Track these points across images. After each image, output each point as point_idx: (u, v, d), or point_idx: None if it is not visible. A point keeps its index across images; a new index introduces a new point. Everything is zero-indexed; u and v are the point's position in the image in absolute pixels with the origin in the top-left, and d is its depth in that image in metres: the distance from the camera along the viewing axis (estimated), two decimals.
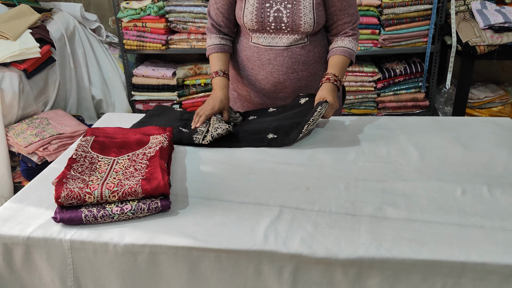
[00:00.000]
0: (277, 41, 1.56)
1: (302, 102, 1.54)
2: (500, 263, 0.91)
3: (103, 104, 3.09)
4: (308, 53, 1.59)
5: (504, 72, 3.00)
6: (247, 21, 1.54)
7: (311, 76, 1.63)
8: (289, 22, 1.52)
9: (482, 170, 1.24)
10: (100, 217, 1.04)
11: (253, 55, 1.60)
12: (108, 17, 3.28)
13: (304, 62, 1.59)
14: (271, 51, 1.57)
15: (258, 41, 1.58)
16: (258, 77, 1.62)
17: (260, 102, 1.69)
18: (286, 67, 1.58)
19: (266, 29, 1.55)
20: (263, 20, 1.53)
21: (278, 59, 1.57)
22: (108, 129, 1.39)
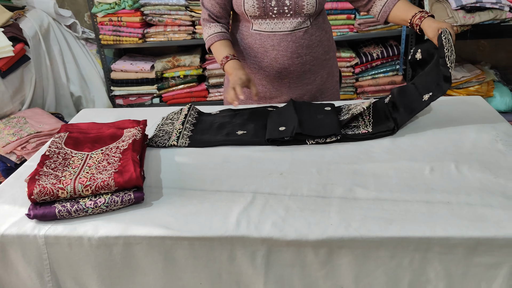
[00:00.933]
0: (280, 26, 1.54)
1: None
2: (464, 236, 0.93)
3: (83, 100, 3.07)
4: (311, 37, 1.58)
5: (479, 52, 3.04)
6: (249, 8, 1.51)
7: (314, 60, 1.63)
8: (291, 4, 1.50)
9: (451, 148, 1.26)
10: (74, 211, 1.04)
11: (255, 43, 1.58)
12: (84, 12, 3.25)
13: (308, 46, 1.59)
14: (274, 37, 1.55)
15: (260, 27, 1.55)
16: (262, 64, 1.60)
17: (263, 90, 1.67)
18: (291, 52, 1.57)
19: (269, 14, 1.52)
20: (265, 5, 1.50)
21: (282, 45, 1.56)
22: (82, 124, 1.39)
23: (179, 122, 1.47)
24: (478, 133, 1.33)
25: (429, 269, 0.97)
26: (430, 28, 1.38)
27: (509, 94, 2.76)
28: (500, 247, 0.93)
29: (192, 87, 3.00)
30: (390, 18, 1.57)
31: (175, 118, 1.51)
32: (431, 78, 1.36)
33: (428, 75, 1.38)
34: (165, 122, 1.50)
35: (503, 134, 1.32)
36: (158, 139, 1.39)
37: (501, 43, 3.00)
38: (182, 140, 1.37)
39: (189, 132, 1.42)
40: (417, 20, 1.44)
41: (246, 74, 1.47)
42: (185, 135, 1.40)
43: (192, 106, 1.57)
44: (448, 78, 1.30)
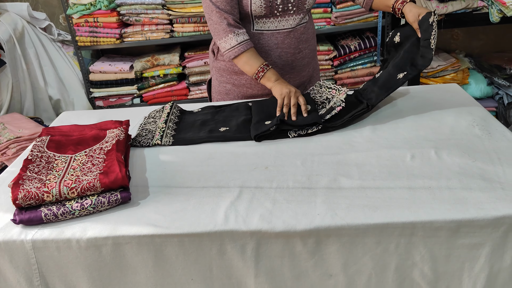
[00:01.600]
0: (284, 24, 1.55)
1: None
2: (446, 219, 0.97)
3: (62, 103, 3.03)
4: (308, 31, 1.63)
5: (454, 40, 3.10)
6: (256, 8, 1.50)
7: (311, 53, 1.68)
8: (295, 1, 1.52)
9: (430, 134, 1.30)
10: (61, 214, 1.04)
11: (258, 43, 1.57)
12: (58, 14, 3.20)
13: (306, 40, 1.63)
14: (278, 35, 1.57)
15: (263, 27, 1.55)
16: None
17: (262, 88, 1.65)
18: (293, 48, 1.60)
19: (274, 12, 1.52)
20: (271, 4, 1.50)
21: (285, 42, 1.58)
22: (64, 127, 1.38)
23: (161, 120, 1.47)
24: (456, 119, 1.37)
25: (414, 253, 1.00)
26: (411, 13, 1.42)
27: (483, 80, 2.83)
28: (481, 227, 0.97)
29: (173, 85, 2.99)
30: (374, 5, 1.61)
31: (157, 117, 1.51)
32: (406, 59, 1.40)
33: (403, 57, 1.42)
34: (148, 121, 1.50)
35: (480, 119, 1.35)
36: (142, 138, 1.39)
37: (474, 31, 3.07)
38: (165, 139, 1.37)
39: (173, 131, 1.42)
40: (399, 4, 1.48)
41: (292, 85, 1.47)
42: (169, 134, 1.40)
43: (174, 104, 1.57)
44: (429, 59, 1.33)
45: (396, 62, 1.43)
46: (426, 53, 1.35)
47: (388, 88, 1.40)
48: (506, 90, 2.80)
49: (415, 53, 1.38)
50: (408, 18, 1.44)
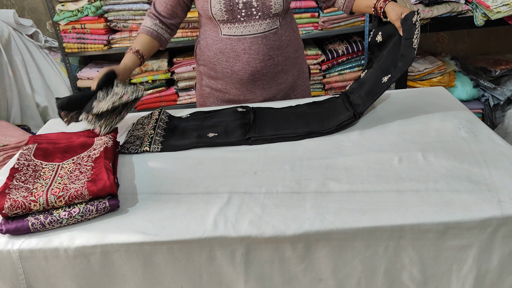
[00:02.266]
0: (250, 29, 1.54)
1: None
2: (434, 221, 0.97)
3: (49, 110, 3.00)
4: (281, 38, 1.60)
5: (440, 43, 3.14)
6: (216, 11, 1.50)
7: (286, 60, 1.65)
8: (259, 5, 1.51)
9: (417, 137, 1.31)
10: (48, 223, 1.03)
11: (226, 47, 1.58)
12: (45, 21, 3.18)
13: (279, 47, 1.60)
14: (245, 41, 1.55)
15: (229, 32, 1.55)
16: (235, 68, 1.60)
17: (237, 93, 1.67)
18: (263, 54, 1.58)
19: (237, 17, 1.52)
20: (232, 8, 1.50)
21: (253, 48, 1.56)
22: (51, 135, 1.37)
23: (150, 127, 1.47)
24: (442, 122, 1.38)
25: (403, 255, 1.00)
26: (394, 11, 1.43)
27: (469, 83, 2.87)
28: (468, 229, 0.97)
29: (161, 91, 2.98)
30: (355, 8, 1.62)
31: (146, 123, 1.51)
32: (389, 61, 1.41)
33: (387, 58, 1.43)
34: (136, 127, 1.50)
35: (465, 122, 1.37)
36: (130, 145, 1.38)
37: (459, 34, 3.11)
38: (154, 145, 1.37)
39: (161, 138, 1.41)
40: (381, 3, 1.49)
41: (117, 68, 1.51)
42: (157, 140, 1.39)
43: (162, 111, 1.57)
44: (411, 59, 1.33)
45: (380, 64, 1.44)
46: (407, 52, 1.34)
47: (375, 94, 1.41)
48: (491, 92, 2.84)
49: (397, 53, 1.39)
50: (391, 17, 1.44)
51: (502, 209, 0.98)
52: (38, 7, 3.12)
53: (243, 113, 1.51)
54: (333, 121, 1.39)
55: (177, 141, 1.39)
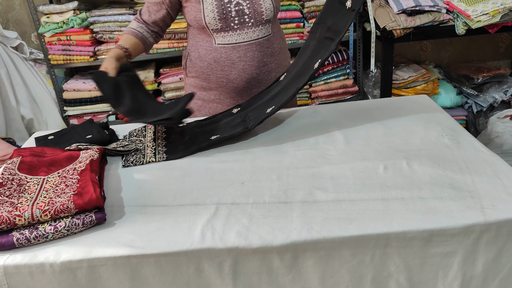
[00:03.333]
0: (244, 37, 1.56)
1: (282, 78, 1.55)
2: (419, 229, 0.99)
3: (35, 123, 2.98)
4: (273, 45, 1.64)
5: (423, 52, 3.19)
6: (210, 20, 1.52)
7: (278, 67, 1.68)
8: (251, 12, 1.54)
9: (401, 145, 1.33)
10: (34, 238, 1.02)
11: (221, 56, 1.59)
12: (30, 33, 3.17)
13: (271, 54, 1.64)
14: (240, 48, 1.57)
15: (223, 40, 1.57)
16: (230, 77, 1.62)
17: (231, 103, 1.68)
18: (257, 61, 1.60)
19: (230, 25, 1.54)
20: (226, 17, 1.52)
21: (248, 55, 1.58)
22: (36, 148, 1.36)
23: (149, 139, 1.47)
24: (426, 130, 1.41)
25: (389, 263, 1.01)
26: None
27: (453, 90, 2.91)
28: (452, 236, 0.99)
29: None
30: None
31: (141, 135, 1.51)
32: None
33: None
34: (131, 139, 1.49)
35: (448, 129, 1.40)
36: (133, 158, 1.38)
37: (442, 43, 3.17)
38: (159, 155, 1.38)
39: (164, 147, 1.42)
40: None
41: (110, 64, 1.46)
42: (161, 151, 1.40)
43: None
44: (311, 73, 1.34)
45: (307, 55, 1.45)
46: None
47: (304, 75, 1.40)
48: (474, 99, 2.89)
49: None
50: None
51: (485, 215, 1.00)
52: (23, 19, 3.11)
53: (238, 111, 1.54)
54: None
55: (180, 149, 1.40)
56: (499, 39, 3.18)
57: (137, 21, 1.64)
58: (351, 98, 2.95)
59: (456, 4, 2.50)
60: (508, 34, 3.15)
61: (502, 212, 1.00)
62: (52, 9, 2.73)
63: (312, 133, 1.45)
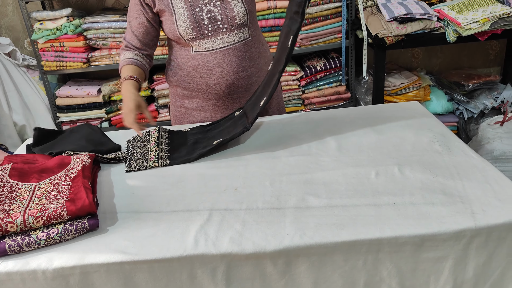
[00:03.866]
0: (220, 43, 1.57)
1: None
2: (411, 234, 0.99)
3: (27, 129, 2.96)
4: (251, 49, 1.63)
5: (415, 59, 3.23)
6: (184, 30, 1.53)
7: (258, 72, 1.68)
8: (223, 18, 1.54)
9: (393, 152, 1.34)
10: (26, 245, 1.01)
11: (199, 64, 1.59)
12: (23, 39, 3.16)
13: (250, 58, 1.63)
14: (216, 54, 1.58)
15: (200, 48, 1.57)
16: (210, 83, 1.62)
17: (214, 109, 1.69)
18: (236, 66, 1.60)
19: (204, 33, 1.54)
20: (198, 25, 1.52)
21: (226, 60, 1.58)
22: (27, 155, 1.35)
23: (152, 144, 1.48)
24: (417, 136, 1.42)
25: (381, 268, 1.02)
26: None
27: (444, 97, 2.94)
28: (444, 241, 1.00)
29: None
30: None
31: (145, 140, 1.52)
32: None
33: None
34: (135, 144, 1.50)
35: (439, 136, 1.41)
36: (136, 163, 1.38)
37: (433, 50, 3.21)
38: (162, 160, 1.39)
39: (167, 153, 1.43)
40: None
41: (135, 99, 1.46)
42: (164, 156, 1.41)
43: (161, 128, 1.58)
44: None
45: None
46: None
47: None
48: (465, 106, 2.92)
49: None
50: None
51: (476, 220, 1.01)
52: (16, 26, 3.10)
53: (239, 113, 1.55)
54: None
55: (183, 154, 1.41)
56: (489, 47, 3.22)
57: (128, 50, 1.62)
58: (343, 105, 2.97)
59: (446, 12, 2.54)
60: (497, 41, 3.20)
61: (492, 217, 1.01)
62: (45, 15, 2.74)
63: (305, 140, 1.46)
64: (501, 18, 2.44)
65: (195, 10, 1.53)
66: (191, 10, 1.53)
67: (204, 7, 1.54)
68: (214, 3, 1.54)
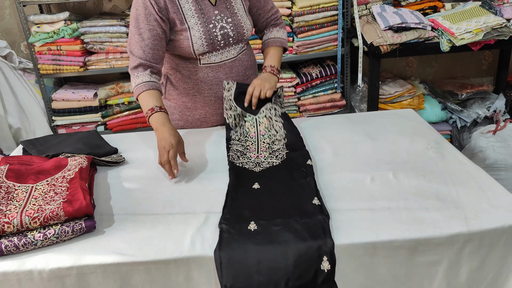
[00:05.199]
0: (227, 55, 1.59)
1: None
2: (406, 238, 1.01)
3: (22, 132, 2.95)
4: (250, 58, 1.69)
5: (409, 68, 3.26)
6: (198, 47, 1.52)
7: (255, 77, 1.73)
8: (235, 34, 1.57)
9: (388, 158, 1.36)
10: (22, 245, 1.02)
11: (208, 76, 1.60)
12: (20, 42, 3.16)
13: (250, 67, 1.69)
14: (225, 66, 1.60)
15: (209, 60, 1.57)
16: (219, 94, 1.62)
17: (216, 120, 1.69)
18: (242, 75, 1.64)
19: (216, 48, 1.56)
20: (212, 42, 1.53)
21: (233, 71, 1.62)
22: (24, 156, 1.36)
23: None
24: (411, 143, 1.44)
25: (376, 272, 1.03)
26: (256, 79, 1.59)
27: (438, 105, 2.97)
28: (437, 245, 1.01)
29: (138, 113, 2.98)
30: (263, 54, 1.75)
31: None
32: None
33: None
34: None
35: (433, 143, 1.43)
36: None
37: (427, 59, 3.24)
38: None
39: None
40: (263, 70, 1.66)
41: (176, 135, 1.35)
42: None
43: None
44: None
45: None
46: None
47: None
48: (459, 115, 2.95)
49: None
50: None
51: (469, 225, 1.02)
52: (13, 29, 3.10)
53: None
54: None
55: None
56: (482, 57, 3.26)
57: (142, 69, 1.47)
58: (338, 112, 2.99)
59: (440, 22, 2.57)
60: (490, 52, 3.24)
61: (485, 222, 1.03)
62: (43, 19, 2.74)
63: None
64: (494, 28, 2.48)
65: (209, 26, 1.53)
66: (205, 26, 1.52)
67: (217, 24, 1.54)
68: (226, 19, 1.56)
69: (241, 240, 1.00)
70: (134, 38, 1.48)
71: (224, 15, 1.55)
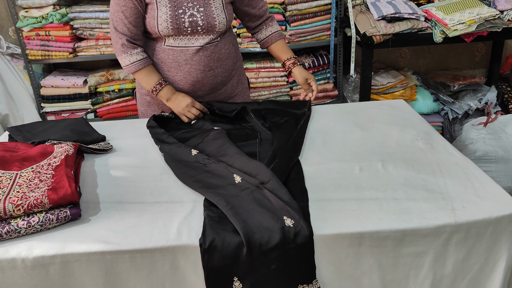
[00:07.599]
0: (193, 42, 1.58)
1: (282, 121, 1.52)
2: (392, 229, 1.01)
3: (10, 119, 2.91)
4: (221, 50, 1.64)
5: (402, 58, 3.25)
6: (163, 29, 1.53)
7: (225, 72, 1.69)
8: (204, 24, 1.55)
9: (377, 148, 1.35)
10: (5, 233, 1.00)
11: (168, 58, 1.60)
12: (8, 27, 3.10)
13: (218, 59, 1.64)
14: (187, 52, 1.58)
15: (173, 43, 1.58)
16: (176, 78, 1.63)
17: None
18: (203, 65, 1.61)
19: (183, 33, 1.55)
20: (179, 26, 1.53)
21: (194, 59, 1.59)
22: (9, 143, 1.33)
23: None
24: (401, 133, 1.43)
25: (363, 262, 1.03)
26: (301, 76, 1.72)
27: (430, 97, 2.98)
28: (424, 236, 1.01)
29: (128, 100, 2.95)
30: (269, 49, 1.81)
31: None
32: None
33: None
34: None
35: (423, 134, 1.43)
36: None
37: (420, 50, 3.23)
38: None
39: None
40: (290, 64, 1.75)
41: (187, 96, 1.61)
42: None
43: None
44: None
45: None
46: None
47: None
48: (450, 106, 2.96)
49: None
50: (298, 80, 1.72)
51: (456, 216, 1.02)
52: (0, 13, 3.05)
53: None
54: None
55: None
56: (475, 49, 3.26)
57: (133, 46, 1.57)
58: (331, 102, 2.98)
59: (434, 12, 2.56)
60: (483, 44, 3.24)
61: (472, 213, 1.03)
62: (31, 3, 2.69)
63: None
64: (487, 20, 2.48)
65: (178, 11, 1.53)
66: (173, 10, 1.53)
67: (187, 10, 1.54)
68: (197, 8, 1.55)
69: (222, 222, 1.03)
70: (118, 18, 1.55)
71: (197, 4, 1.55)
